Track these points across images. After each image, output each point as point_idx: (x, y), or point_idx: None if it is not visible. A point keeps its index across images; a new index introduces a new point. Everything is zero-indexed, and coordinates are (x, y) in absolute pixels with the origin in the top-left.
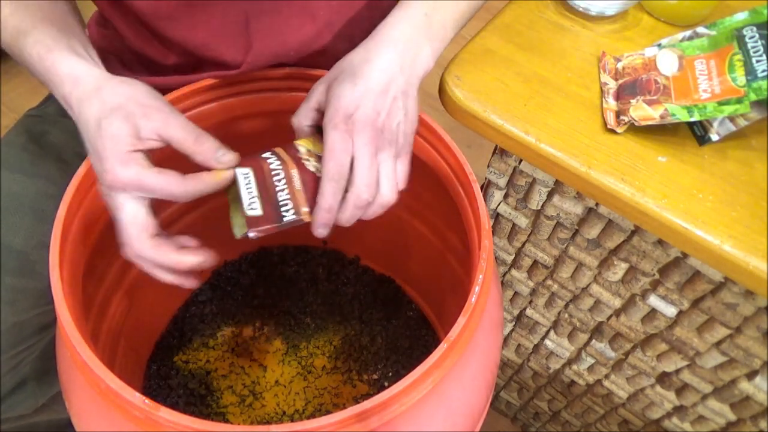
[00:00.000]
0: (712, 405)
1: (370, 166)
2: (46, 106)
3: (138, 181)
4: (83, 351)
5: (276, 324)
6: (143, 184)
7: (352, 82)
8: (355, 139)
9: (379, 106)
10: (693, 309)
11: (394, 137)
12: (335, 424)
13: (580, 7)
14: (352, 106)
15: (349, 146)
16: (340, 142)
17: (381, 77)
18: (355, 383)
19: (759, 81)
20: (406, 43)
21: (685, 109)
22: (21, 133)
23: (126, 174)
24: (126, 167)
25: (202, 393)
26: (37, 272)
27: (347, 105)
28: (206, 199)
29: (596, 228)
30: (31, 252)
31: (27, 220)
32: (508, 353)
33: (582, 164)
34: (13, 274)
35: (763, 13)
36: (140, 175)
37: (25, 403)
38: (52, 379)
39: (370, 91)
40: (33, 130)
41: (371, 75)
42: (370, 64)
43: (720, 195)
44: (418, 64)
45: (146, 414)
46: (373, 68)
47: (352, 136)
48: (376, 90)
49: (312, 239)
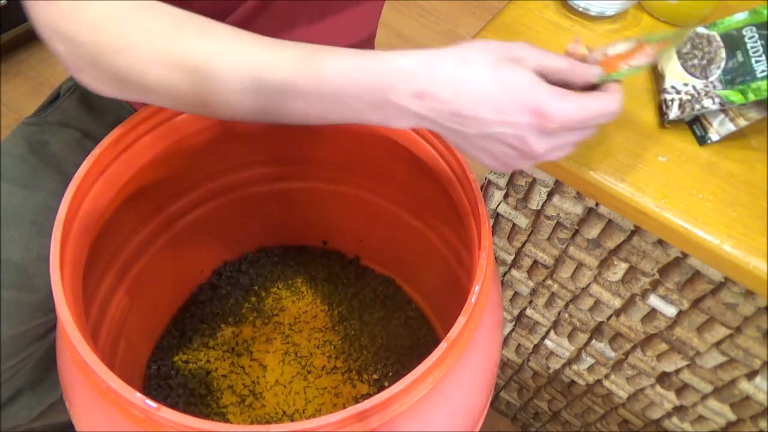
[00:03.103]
0: (712, 405)
1: None
2: (45, 114)
3: (584, 108)
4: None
5: (276, 324)
6: (589, 110)
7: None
8: None
9: None
10: (693, 309)
11: None
12: (335, 424)
13: (580, 7)
14: None
15: None
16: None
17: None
18: (355, 383)
19: (758, 81)
20: None
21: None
22: (20, 143)
23: (571, 107)
24: (566, 100)
25: (202, 393)
26: (35, 285)
27: None
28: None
29: (596, 228)
30: (30, 265)
31: (26, 234)
32: (508, 353)
33: (582, 164)
34: (10, 288)
35: (762, 13)
36: (585, 102)
37: (20, 414)
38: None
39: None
40: (32, 140)
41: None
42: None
43: (720, 195)
44: None
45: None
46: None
47: None
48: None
49: (312, 239)
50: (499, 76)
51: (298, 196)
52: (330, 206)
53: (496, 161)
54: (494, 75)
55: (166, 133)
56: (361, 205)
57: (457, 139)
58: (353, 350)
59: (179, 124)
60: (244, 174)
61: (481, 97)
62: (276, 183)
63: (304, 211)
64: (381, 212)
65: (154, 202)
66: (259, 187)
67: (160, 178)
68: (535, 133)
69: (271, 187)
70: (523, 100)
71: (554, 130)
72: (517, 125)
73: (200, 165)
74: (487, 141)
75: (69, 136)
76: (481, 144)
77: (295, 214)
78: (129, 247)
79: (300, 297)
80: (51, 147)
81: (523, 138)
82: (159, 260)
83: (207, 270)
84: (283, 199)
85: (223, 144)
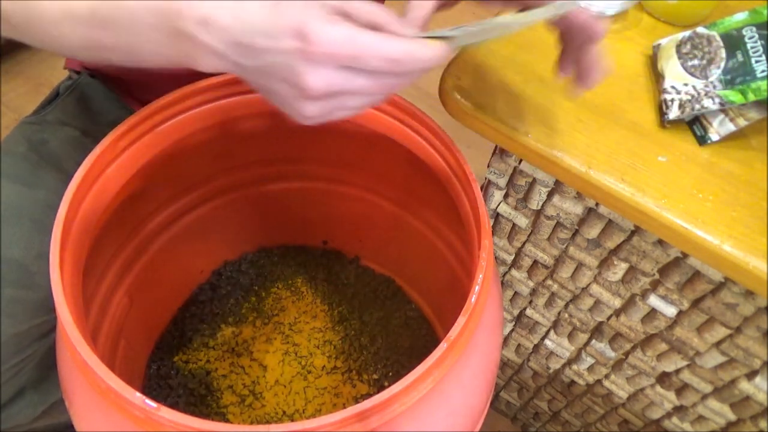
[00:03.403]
0: (712, 405)
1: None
2: (44, 113)
3: (352, 41)
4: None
5: (276, 324)
6: (360, 42)
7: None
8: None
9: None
10: (693, 309)
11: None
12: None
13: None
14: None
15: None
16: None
17: None
18: (355, 383)
19: (758, 81)
20: None
21: None
22: (20, 142)
23: (339, 31)
24: (335, 24)
25: (202, 393)
26: (36, 283)
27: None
28: (206, 199)
29: (596, 228)
30: (31, 263)
31: (26, 231)
32: (508, 353)
33: (582, 164)
34: (12, 286)
35: (762, 13)
36: (354, 34)
37: (23, 412)
38: (50, 388)
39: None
40: (32, 138)
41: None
42: None
43: (720, 195)
44: None
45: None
46: None
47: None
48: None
49: (312, 239)
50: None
51: (298, 196)
52: (330, 206)
53: (285, 105)
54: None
55: (166, 133)
56: (361, 205)
57: (250, 77)
58: (353, 350)
59: (179, 124)
60: (244, 174)
61: (255, 22)
62: (276, 183)
63: (304, 211)
64: (381, 212)
65: (154, 202)
66: (259, 187)
67: (160, 178)
68: (303, 60)
69: (272, 187)
70: (290, 21)
71: (320, 56)
72: (284, 51)
73: (200, 165)
74: (267, 77)
75: (69, 135)
76: (265, 82)
77: (295, 214)
78: (129, 247)
79: (300, 297)
80: (51, 145)
81: (292, 68)
82: (159, 260)
83: (207, 270)
84: (283, 199)
85: (223, 144)
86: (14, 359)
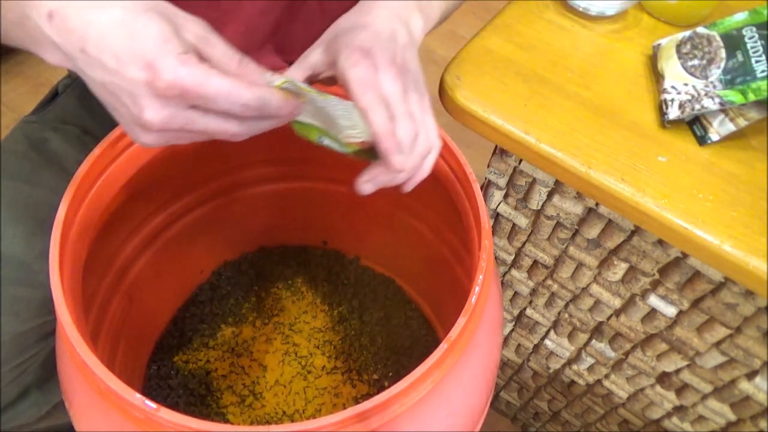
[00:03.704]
0: (712, 405)
1: (403, 101)
2: (44, 112)
3: (204, 81)
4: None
5: (276, 324)
6: (211, 86)
7: (358, 30)
8: (380, 77)
9: (392, 48)
10: (693, 309)
11: (417, 78)
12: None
13: (580, 7)
14: (366, 44)
15: (377, 80)
16: (367, 75)
17: (385, 27)
18: (355, 383)
19: (758, 81)
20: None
21: None
22: (21, 141)
23: (188, 73)
24: (187, 65)
25: (202, 393)
26: (39, 282)
27: (361, 44)
28: (206, 199)
29: (596, 228)
30: (33, 262)
31: (29, 230)
32: (508, 353)
33: (582, 164)
34: (15, 284)
35: (762, 13)
36: (208, 74)
37: (28, 412)
38: (54, 388)
39: (380, 36)
40: (33, 137)
41: (375, 24)
42: (369, 19)
43: (720, 195)
44: (412, 29)
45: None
46: (374, 21)
47: (377, 74)
48: (385, 36)
49: (312, 239)
50: (134, 24)
51: (298, 196)
52: (330, 206)
53: (123, 126)
54: (130, 20)
55: None
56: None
57: (93, 86)
58: (353, 350)
59: None
60: (244, 174)
61: (107, 39)
62: (276, 183)
63: (304, 211)
64: (381, 212)
65: (154, 202)
66: (259, 187)
67: (160, 178)
68: (147, 92)
69: (271, 187)
70: (145, 53)
71: (165, 91)
72: (130, 79)
73: (200, 165)
74: (109, 94)
75: (69, 133)
76: (106, 94)
77: (295, 214)
78: (129, 246)
79: (300, 297)
80: (51, 144)
81: (135, 96)
82: (159, 260)
83: (207, 270)
84: (283, 199)
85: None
86: (18, 359)
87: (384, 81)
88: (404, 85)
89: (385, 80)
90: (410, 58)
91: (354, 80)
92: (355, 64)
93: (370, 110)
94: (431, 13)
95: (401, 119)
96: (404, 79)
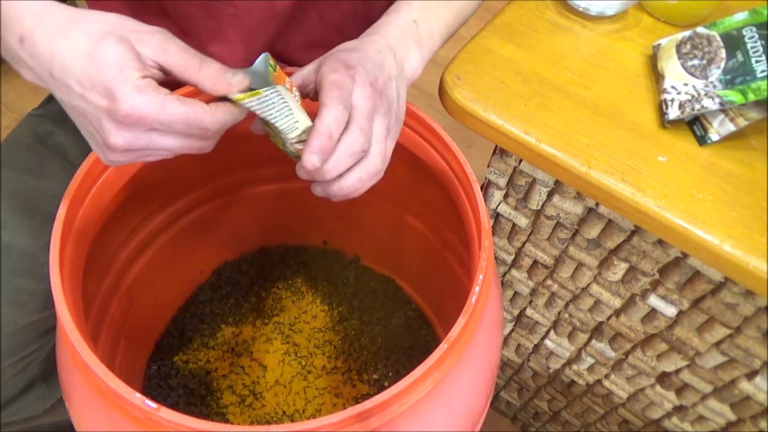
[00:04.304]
0: (712, 405)
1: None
2: (50, 105)
3: (160, 109)
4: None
5: (276, 324)
6: (167, 113)
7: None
8: (354, 90)
9: (377, 72)
10: (693, 309)
11: (391, 108)
12: (335, 424)
13: (580, 7)
14: (352, 62)
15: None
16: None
17: (376, 55)
18: (355, 383)
19: (758, 81)
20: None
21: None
22: (26, 134)
23: (145, 102)
24: (143, 94)
25: (202, 393)
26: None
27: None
28: (206, 199)
29: (596, 228)
30: (39, 254)
31: (34, 222)
32: (508, 353)
33: (582, 164)
34: (21, 276)
35: (762, 13)
36: (163, 102)
37: (33, 405)
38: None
39: (368, 60)
40: (38, 130)
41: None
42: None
43: (720, 195)
44: (407, 66)
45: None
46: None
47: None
48: (373, 60)
49: (312, 239)
50: (95, 51)
51: (298, 196)
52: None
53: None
54: (90, 47)
55: None
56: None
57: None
58: (353, 350)
59: None
60: (244, 174)
61: (70, 66)
62: (276, 183)
63: (304, 211)
64: (381, 212)
65: (154, 202)
66: (259, 187)
67: (160, 178)
68: (109, 119)
69: (272, 187)
70: (104, 81)
71: (124, 119)
72: (94, 105)
73: (200, 165)
74: (78, 116)
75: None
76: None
77: (295, 214)
78: (129, 246)
79: (300, 297)
80: (57, 137)
81: (99, 120)
82: (159, 260)
83: (207, 270)
84: (283, 199)
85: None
86: (25, 351)
87: (356, 94)
88: (374, 106)
89: (357, 93)
90: (391, 88)
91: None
92: (335, 71)
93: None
94: (432, 44)
95: (353, 130)
96: (377, 102)
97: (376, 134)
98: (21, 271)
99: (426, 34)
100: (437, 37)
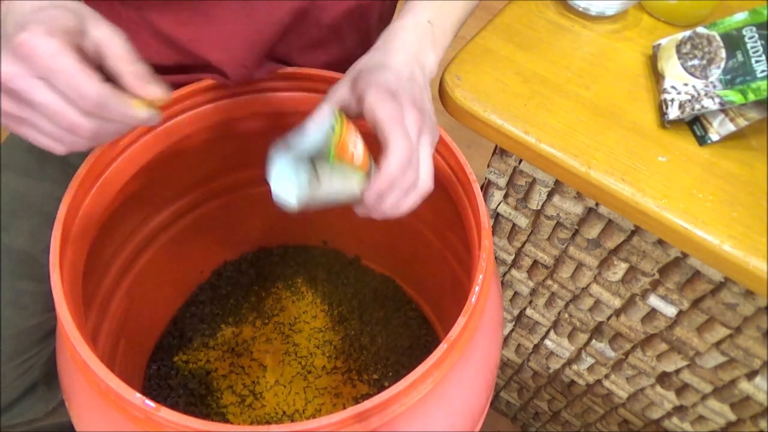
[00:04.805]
0: (712, 405)
1: (418, 143)
2: None
3: (54, 53)
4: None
5: (276, 324)
6: (58, 61)
7: (380, 70)
8: (405, 116)
9: (413, 89)
10: (693, 309)
11: (430, 122)
12: (335, 424)
13: (580, 7)
14: (392, 86)
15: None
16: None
17: (404, 69)
18: (355, 383)
19: (758, 81)
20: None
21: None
22: None
23: (44, 42)
24: (47, 36)
25: (202, 393)
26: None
27: (387, 84)
28: (206, 199)
29: (596, 228)
30: (40, 255)
31: (34, 223)
32: (508, 353)
33: (582, 164)
34: (22, 278)
35: (762, 13)
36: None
37: (35, 407)
38: None
39: (402, 77)
40: None
41: (395, 66)
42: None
43: (720, 195)
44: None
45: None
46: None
47: (403, 112)
48: (405, 76)
49: (312, 239)
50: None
51: None
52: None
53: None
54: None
55: (166, 133)
56: None
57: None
58: (353, 350)
59: (179, 125)
60: (244, 174)
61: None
62: None
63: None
64: None
65: (154, 202)
66: (260, 187)
67: (160, 178)
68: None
69: None
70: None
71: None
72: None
73: (200, 165)
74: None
75: None
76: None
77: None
78: (129, 247)
79: (300, 297)
80: None
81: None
82: (159, 260)
83: (207, 270)
84: None
85: (223, 144)
86: (27, 353)
87: (408, 120)
88: (420, 127)
89: (408, 120)
90: (426, 99)
91: (384, 117)
92: (384, 101)
93: (394, 143)
94: (445, 42)
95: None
96: (422, 121)
97: (422, 155)
98: (21, 274)
99: (440, 33)
100: (450, 34)
